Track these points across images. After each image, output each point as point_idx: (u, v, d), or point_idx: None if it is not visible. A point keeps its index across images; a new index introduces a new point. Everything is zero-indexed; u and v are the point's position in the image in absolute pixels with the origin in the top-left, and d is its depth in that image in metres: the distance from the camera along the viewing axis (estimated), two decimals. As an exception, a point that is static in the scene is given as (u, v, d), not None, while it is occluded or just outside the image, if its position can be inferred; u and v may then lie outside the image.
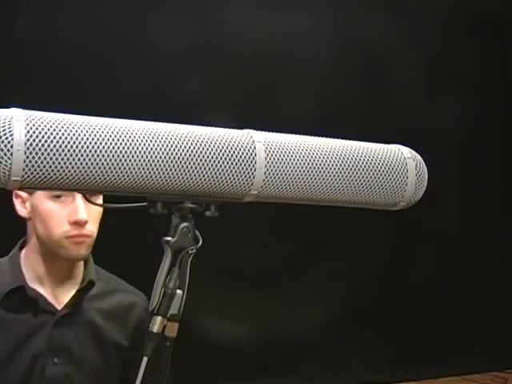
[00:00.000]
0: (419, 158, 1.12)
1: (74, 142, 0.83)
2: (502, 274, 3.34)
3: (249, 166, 0.96)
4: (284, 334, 2.81)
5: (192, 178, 0.92)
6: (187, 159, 0.91)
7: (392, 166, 1.01)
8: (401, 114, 3.07)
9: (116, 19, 2.55)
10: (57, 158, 0.82)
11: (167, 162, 0.90)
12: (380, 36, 3.02)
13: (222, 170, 0.94)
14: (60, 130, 0.83)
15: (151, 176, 0.89)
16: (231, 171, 0.94)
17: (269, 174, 0.97)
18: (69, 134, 0.83)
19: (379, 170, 1.00)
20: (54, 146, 0.82)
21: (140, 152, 0.88)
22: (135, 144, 0.87)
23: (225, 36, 2.73)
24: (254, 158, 0.96)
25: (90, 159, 0.84)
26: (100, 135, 0.85)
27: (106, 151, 0.85)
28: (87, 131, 0.84)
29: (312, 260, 2.94)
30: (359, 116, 2.99)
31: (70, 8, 2.49)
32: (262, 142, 0.98)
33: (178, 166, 0.90)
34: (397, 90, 3.08)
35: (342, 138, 2.88)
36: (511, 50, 3.31)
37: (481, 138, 3.26)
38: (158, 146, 0.90)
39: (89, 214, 1.44)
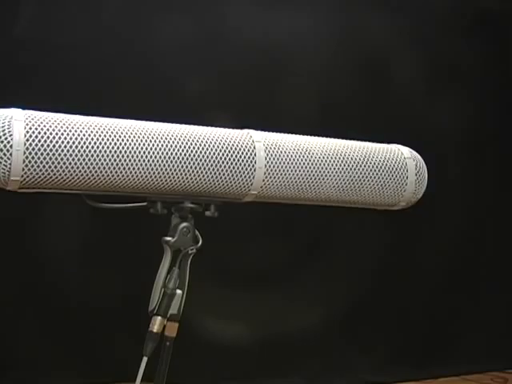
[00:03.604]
0: (419, 157, 1.12)
1: (74, 142, 0.83)
2: (503, 274, 3.34)
3: (249, 165, 0.96)
4: (284, 333, 2.81)
5: (192, 178, 0.92)
6: (187, 159, 0.91)
7: (392, 166, 1.01)
8: (401, 114, 3.07)
9: (116, 19, 2.55)
10: (56, 158, 0.82)
11: (167, 162, 0.90)
12: (380, 36, 3.02)
13: (222, 170, 0.94)
14: (59, 130, 0.83)
15: (151, 176, 0.89)
16: (231, 171, 0.94)
17: (268, 173, 0.97)
18: (68, 134, 0.83)
19: (379, 170, 1.00)
20: (54, 146, 0.82)
21: (139, 152, 0.88)
22: (134, 144, 0.87)
23: (225, 36, 2.73)
24: (253, 158, 0.96)
25: (89, 159, 0.84)
26: (99, 135, 0.85)
27: (105, 151, 0.85)
28: (86, 131, 0.84)
29: (312, 260, 2.94)
30: (359, 116, 2.99)
31: (70, 8, 2.49)
32: (261, 141, 0.97)
33: (177, 166, 0.90)
34: (397, 89, 3.07)
35: (343, 138, 2.89)
36: (511, 49, 3.31)
37: (481, 137, 3.26)
38: (158, 146, 0.90)
39: None
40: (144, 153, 0.89)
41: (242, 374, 2.73)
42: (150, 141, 0.90)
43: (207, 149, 0.93)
